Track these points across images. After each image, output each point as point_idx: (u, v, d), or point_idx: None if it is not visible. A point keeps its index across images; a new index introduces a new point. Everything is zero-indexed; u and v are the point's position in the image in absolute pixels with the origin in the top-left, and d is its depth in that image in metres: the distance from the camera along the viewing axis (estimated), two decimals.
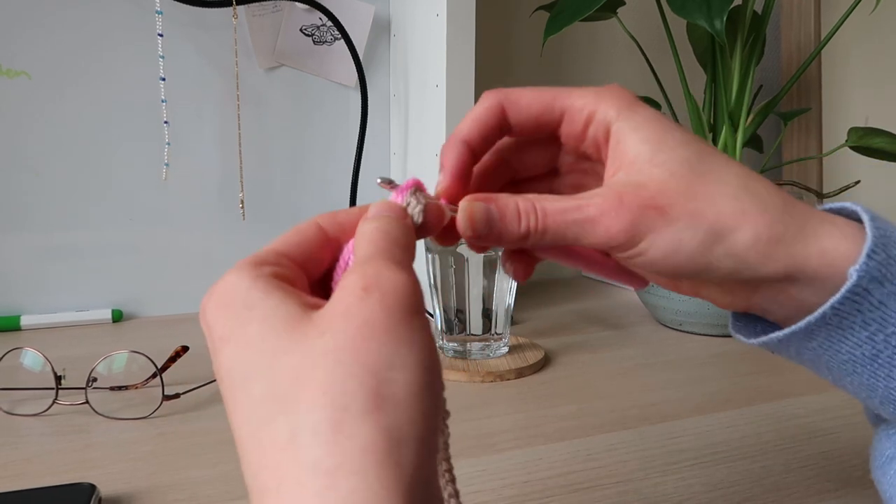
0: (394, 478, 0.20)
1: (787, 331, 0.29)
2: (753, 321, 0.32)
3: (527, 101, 0.31)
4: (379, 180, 0.30)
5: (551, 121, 0.31)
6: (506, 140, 0.33)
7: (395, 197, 0.29)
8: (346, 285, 0.23)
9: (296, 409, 0.21)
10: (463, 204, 0.29)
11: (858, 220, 0.29)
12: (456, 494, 0.28)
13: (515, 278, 0.33)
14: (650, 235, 0.28)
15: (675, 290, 0.32)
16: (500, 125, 0.32)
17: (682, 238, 0.28)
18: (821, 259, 0.27)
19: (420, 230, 0.29)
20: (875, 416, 0.32)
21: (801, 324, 0.28)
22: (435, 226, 0.29)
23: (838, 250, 0.27)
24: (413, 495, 0.20)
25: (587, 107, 0.30)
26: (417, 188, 0.29)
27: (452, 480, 0.28)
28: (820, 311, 0.27)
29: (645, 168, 0.29)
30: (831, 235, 0.28)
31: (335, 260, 0.28)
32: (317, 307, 0.23)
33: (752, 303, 0.30)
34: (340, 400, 0.20)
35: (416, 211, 0.29)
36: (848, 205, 0.30)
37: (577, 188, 0.34)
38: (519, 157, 0.34)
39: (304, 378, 0.21)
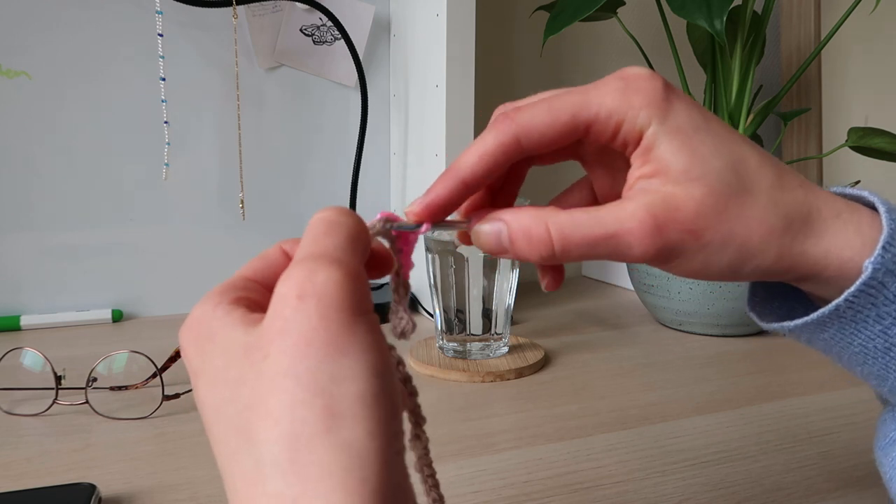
0: (359, 495, 0.19)
1: (798, 322, 0.29)
2: (770, 297, 0.33)
3: (542, 126, 0.28)
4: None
5: (575, 138, 0.29)
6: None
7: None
8: (281, 294, 0.22)
9: (255, 441, 0.20)
10: (475, 228, 0.29)
11: (875, 208, 0.29)
12: (440, 499, 0.28)
13: (547, 288, 0.33)
14: (683, 256, 0.28)
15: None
16: (511, 160, 0.29)
17: (713, 260, 0.28)
18: (840, 269, 0.28)
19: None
20: (883, 397, 0.32)
21: (814, 315, 0.28)
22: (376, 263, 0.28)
23: (854, 261, 0.27)
24: None
25: (614, 115, 0.28)
26: (388, 219, 0.28)
27: (436, 486, 0.28)
28: (833, 303, 0.27)
29: (681, 180, 0.27)
30: (851, 245, 0.28)
31: None
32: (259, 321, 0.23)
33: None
34: (291, 428, 0.20)
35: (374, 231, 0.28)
36: (866, 193, 0.30)
37: (605, 176, 0.32)
38: (532, 159, 0.32)
39: (257, 408, 0.21)
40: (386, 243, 0.28)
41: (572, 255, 0.28)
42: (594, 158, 0.32)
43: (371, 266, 0.27)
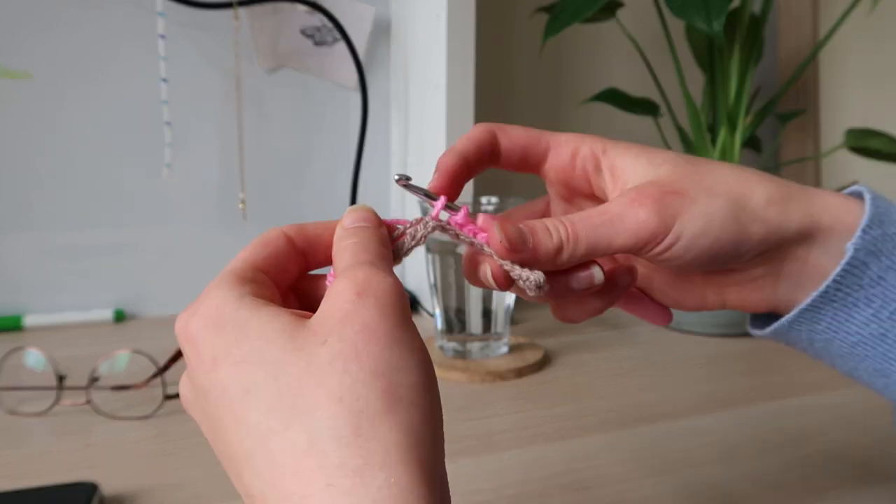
0: (417, 473, 0.21)
1: (794, 311, 0.30)
2: (772, 319, 0.33)
3: (515, 131, 0.33)
4: (397, 177, 0.30)
5: (537, 153, 0.33)
6: (498, 217, 0.34)
7: (395, 220, 0.30)
8: (339, 292, 0.23)
9: (312, 416, 0.21)
10: (495, 224, 0.30)
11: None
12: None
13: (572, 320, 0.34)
14: (679, 217, 0.29)
15: (700, 307, 0.34)
16: (492, 148, 0.33)
17: (708, 212, 0.29)
18: (829, 213, 0.29)
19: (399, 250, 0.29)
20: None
21: (807, 301, 0.29)
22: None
23: (844, 205, 0.29)
24: (434, 490, 0.21)
25: (571, 141, 0.33)
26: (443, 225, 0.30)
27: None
28: (823, 285, 0.29)
29: (649, 172, 0.30)
30: (832, 195, 0.30)
31: (302, 272, 0.29)
32: (304, 317, 0.24)
33: (777, 294, 0.31)
34: (355, 405, 0.21)
35: (417, 235, 0.29)
36: (855, 187, 0.31)
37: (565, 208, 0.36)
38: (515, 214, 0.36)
39: (313, 386, 0.22)
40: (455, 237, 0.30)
41: (581, 243, 0.29)
42: (560, 195, 0.35)
43: None
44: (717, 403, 0.55)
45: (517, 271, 0.29)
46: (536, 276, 0.29)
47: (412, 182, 0.30)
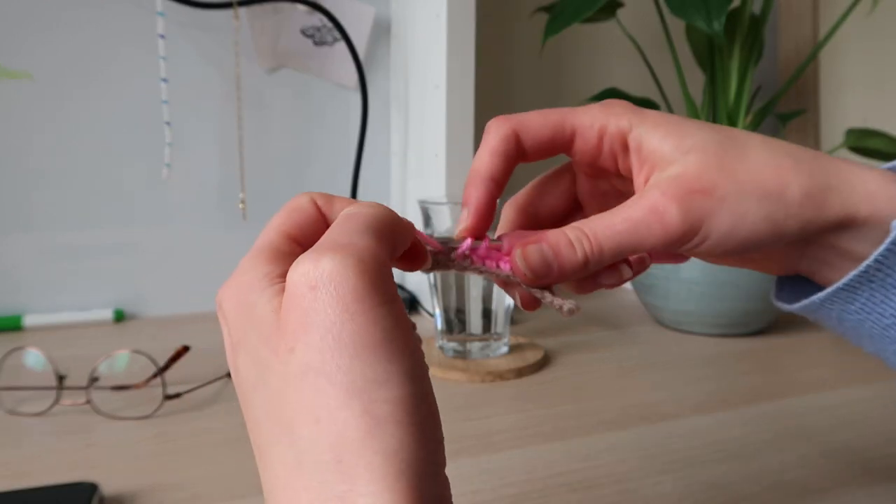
0: (407, 499, 0.19)
1: (829, 290, 0.28)
2: (797, 287, 0.32)
3: (536, 125, 0.31)
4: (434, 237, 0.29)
5: (564, 140, 0.31)
6: (523, 197, 0.33)
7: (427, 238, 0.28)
8: (293, 282, 0.21)
9: (295, 433, 0.20)
10: (517, 253, 0.29)
11: None
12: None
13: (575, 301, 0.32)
14: (707, 219, 0.27)
15: (719, 262, 0.32)
16: (517, 153, 0.31)
17: (738, 211, 0.27)
18: (870, 203, 0.27)
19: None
20: None
21: (844, 280, 0.28)
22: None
23: (886, 192, 0.27)
24: None
25: (597, 121, 0.30)
26: (466, 255, 0.29)
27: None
28: (863, 265, 0.27)
29: (677, 158, 0.28)
30: (874, 179, 0.28)
31: None
32: None
33: (800, 266, 0.30)
34: (332, 427, 0.20)
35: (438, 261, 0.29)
36: (890, 164, 0.30)
37: (595, 196, 0.34)
38: (536, 205, 0.34)
39: (292, 399, 0.20)
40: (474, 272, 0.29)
41: (606, 253, 0.28)
42: (590, 199, 0.33)
43: (408, 258, 0.28)
44: (716, 403, 0.55)
45: (548, 299, 0.29)
46: (569, 304, 0.28)
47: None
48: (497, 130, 0.30)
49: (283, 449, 0.21)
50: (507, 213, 0.33)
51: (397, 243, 0.24)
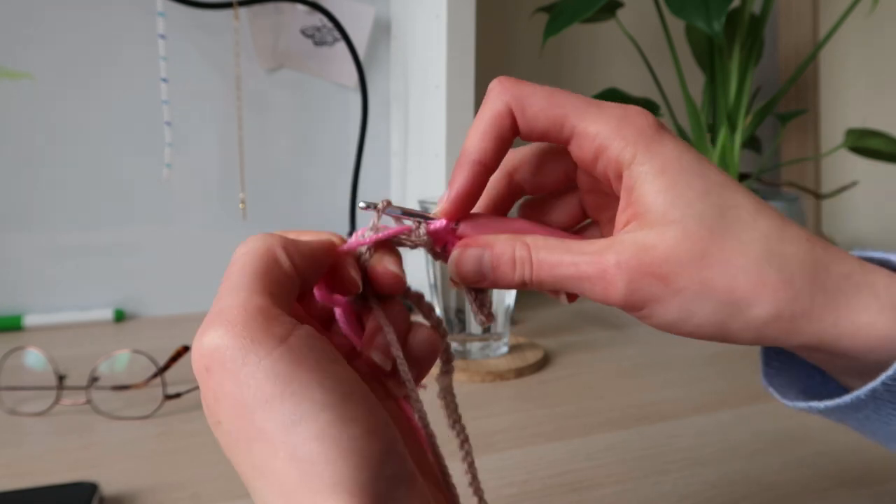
0: None
1: (830, 403, 0.27)
2: (788, 366, 0.31)
3: (534, 111, 0.27)
4: (362, 205, 0.29)
5: (559, 138, 0.28)
6: (516, 162, 0.31)
7: (360, 231, 0.28)
8: (195, 366, 0.22)
9: (253, 488, 0.22)
10: (454, 253, 0.28)
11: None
12: (465, 440, 0.30)
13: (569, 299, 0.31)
14: (652, 305, 0.25)
15: None
16: (511, 133, 0.28)
17: (690, 309, 0.25)
18: (853, 338, 0.25)
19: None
20: None
21: (847, 398, 0.26)
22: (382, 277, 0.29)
23: (875, 327, 0.25)
24: None
25: (599, 137, 0.27)
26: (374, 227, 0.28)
27: (461, 428, 0.30)
28: (869, 386, 0.25)
29: (658, 223, 0.25)
30: (868, 308, 0.25)
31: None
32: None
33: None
34: (275, 480, 0.21)
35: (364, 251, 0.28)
36: (893, 257, 0.27)
37: (597, 208, 0.31)
38: (531, 178, 0.31)
39: (240, 464, 0.22)
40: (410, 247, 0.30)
41: (544, 285, 0.27)
42: (589, 188, 0.31)
43: (330, 283, 0.27)
44: (715, 403, 0.55)
45: (470, 298, 0.30)
46: (481, 318, 0.30)
47: (392, 207, 0.29)
48: (493, 103, 0.28)
49: (256, 485, 0.22)
50: (495, 177, 0.31)
51: (285, 279, 0.24)
